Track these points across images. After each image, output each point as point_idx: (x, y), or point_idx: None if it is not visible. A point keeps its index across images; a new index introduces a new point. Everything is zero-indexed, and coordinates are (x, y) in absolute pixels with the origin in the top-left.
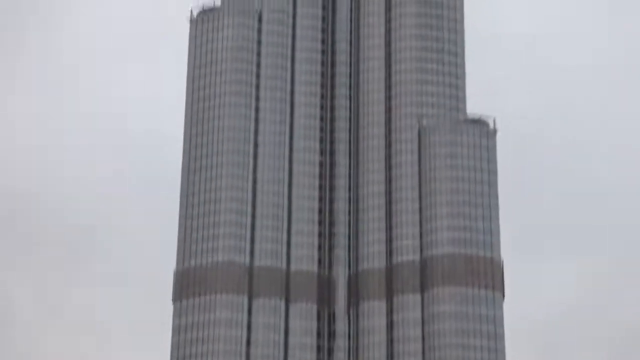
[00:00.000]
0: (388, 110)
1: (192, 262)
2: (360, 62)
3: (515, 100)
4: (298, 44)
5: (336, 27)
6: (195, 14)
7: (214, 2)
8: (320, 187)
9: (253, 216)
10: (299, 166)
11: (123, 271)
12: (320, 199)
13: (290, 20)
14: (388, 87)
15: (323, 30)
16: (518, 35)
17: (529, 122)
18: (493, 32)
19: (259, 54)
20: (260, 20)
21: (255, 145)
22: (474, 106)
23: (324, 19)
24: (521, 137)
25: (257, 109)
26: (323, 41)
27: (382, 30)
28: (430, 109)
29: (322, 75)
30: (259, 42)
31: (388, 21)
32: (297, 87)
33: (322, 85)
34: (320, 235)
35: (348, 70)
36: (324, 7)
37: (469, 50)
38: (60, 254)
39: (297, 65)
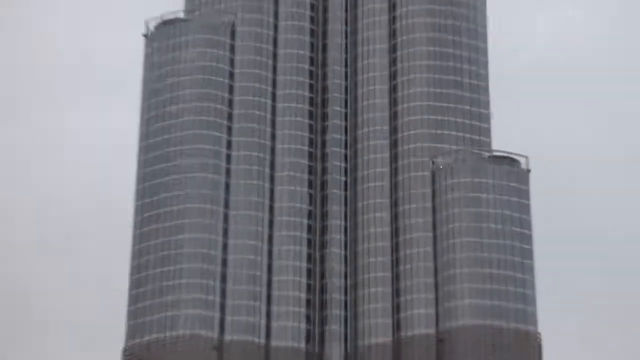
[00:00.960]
0: (394, 145)
1: (146, 337)
2: (359, 87)
3: (551, 136)
4: (281, 65)
5: (328, 44)
6: (151, 27)
7: (176, 14)
8: (310, 242)
9: (223, 280)
10: (281, 216)
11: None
12: (309, 258)
13: (271, 35)
14: (393, 117)
15: (312, 47)
16: (553, 58)
17: (568, 160)
18: (523, 51)
19: (231, 77)
20: (233, 35)
21: (227, 189)
22: (501, 141)
23: (312, 32)
24: (558, 179)
25: (229, 145)
26: (312, 61)
27: (385, 46)
28: (447, 143)
29: (311, 102)
30: (232, 63)
31: (393, 35)
32: (279, 119)
33: (311, 116)
34: (309, 303)
35: (343, 97)
36: (312, 20)
37: (494, 74)
38: None
39: (279, 92)
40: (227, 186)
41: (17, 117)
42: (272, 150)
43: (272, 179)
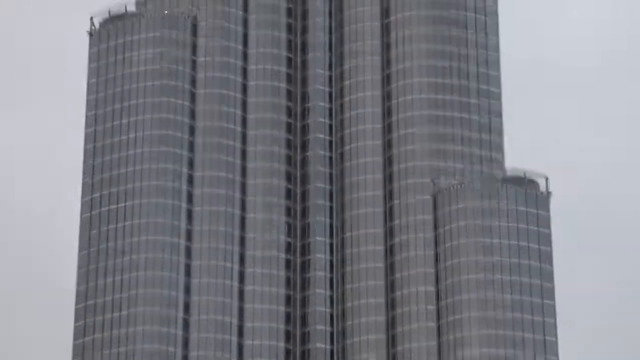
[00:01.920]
0: (388, 163)
1: None
2: (345, 93)
3: (572, 153)
4: (252, 68)
5: (308, 40)
6: (97, 23)
7: (126, 6)
8: (288, 281)
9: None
10: (255, 250)
11: None
12: (288, 300)
13: (241, 31)
14: (387, 130)
15: (289, 45)
16: (573, 68)
17: (594, 180)
18: (538, 60)
19: (193, 82)
20: (195, 31)
21: (189, 217)
22: (516, 158)
23: (289, 27)
24: (583, 203)
25: (190, 165)
26: (290, 62)
27: (378, 42)
28: (451, 161)
29: (289, 113)
30: (193, 66)
31: (386, 32)
32: (250, 132)
33: (289, 129)
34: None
35: (327, 106)
36: (289, 12)
37: (507, 78)
38: None
39: (250, 99)
40: (190, 214)
41: None
42: (243, 171)
43: (243, 204)
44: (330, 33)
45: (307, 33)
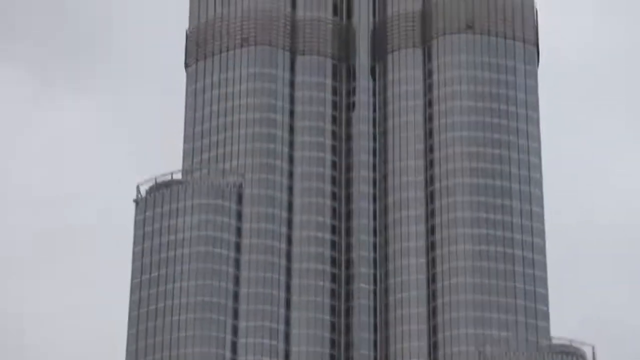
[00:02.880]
0: (433, 332)
1: None
2: (390, 259)
3: (621, 322)
4: (296, 234)
5: (352, 210)
6: (143, 191)
7: (172, 175)
8: None
9: None
10: None
11: None
12: None
13: (286, 199)
14: (432, 296)
15: (334, 213)
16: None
17: None
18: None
19: (237, 249)
20: (240, 199)
21: None
22: (561, 326)
23: (333, 195)
24: None
25: (234, 332)
26: (334, 229)
27: (422, 212)
28: (496, 329)
29: (333, 279)
30: (238, 233)
31: (430, 199)
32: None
33: (333, 295)
34: None
35: (372, 272)
36: (333, 180)
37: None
38: None
39: (294, 265)
40: None
41: None
42: (287, 338)
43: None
44: (375, 202)
45: (350, 203)
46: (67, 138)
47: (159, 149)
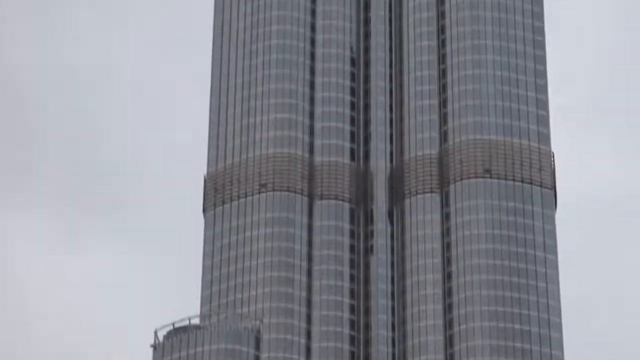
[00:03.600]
0: None
1: None
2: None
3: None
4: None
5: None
6: (161, 336)
7: (190, 320)
8: None
9: None
10: None
11: None
12: None
13: (304, 343)
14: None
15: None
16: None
17: None
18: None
19: None
20: (257, 345)
21: None
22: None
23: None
24: None
25: None
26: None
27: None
28: None
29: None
30: None
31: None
32: None
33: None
34: None
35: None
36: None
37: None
38: None
39: None
40: None
41: None
42: None
43: None
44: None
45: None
46: (83, 283)
47: (177, 293)
